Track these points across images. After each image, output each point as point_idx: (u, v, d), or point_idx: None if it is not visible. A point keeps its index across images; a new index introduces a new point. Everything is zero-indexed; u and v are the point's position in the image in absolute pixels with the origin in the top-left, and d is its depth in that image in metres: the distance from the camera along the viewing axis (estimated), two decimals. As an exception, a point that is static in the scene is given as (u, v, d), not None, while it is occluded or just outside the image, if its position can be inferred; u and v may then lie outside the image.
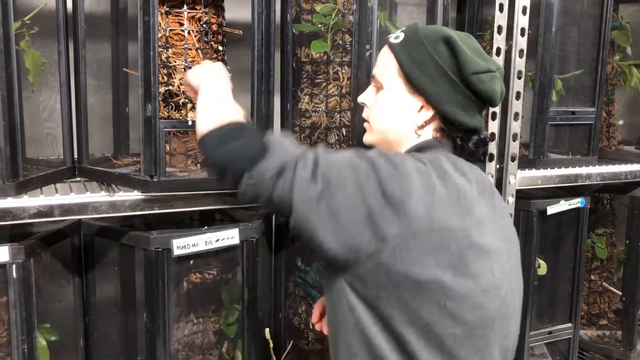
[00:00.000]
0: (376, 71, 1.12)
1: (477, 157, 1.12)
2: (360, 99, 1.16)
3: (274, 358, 1.36)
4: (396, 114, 1.08)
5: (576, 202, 1.76)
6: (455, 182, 0.98)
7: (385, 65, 1.09)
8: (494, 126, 1.60)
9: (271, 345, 1.55)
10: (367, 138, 1.15)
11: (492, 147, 1.61)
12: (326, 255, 0.93)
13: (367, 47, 1.35)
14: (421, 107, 1.06)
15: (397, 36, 1.09)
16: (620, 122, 2.04)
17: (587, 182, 1.75)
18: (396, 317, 0.93)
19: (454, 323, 0.94)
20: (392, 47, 1.08)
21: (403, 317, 0.93)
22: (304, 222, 0.92)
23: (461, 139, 1.08)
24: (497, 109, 1.60)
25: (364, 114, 1.16)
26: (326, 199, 0.91)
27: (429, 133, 1.08)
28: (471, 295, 0.94)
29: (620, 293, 2.02)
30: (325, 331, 1.18)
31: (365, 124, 1.16)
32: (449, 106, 1.04)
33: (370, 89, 1.15)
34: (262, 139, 0.97)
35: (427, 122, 1.07)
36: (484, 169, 1.59)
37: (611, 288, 2.05)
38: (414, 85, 1.05)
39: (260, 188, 0.94)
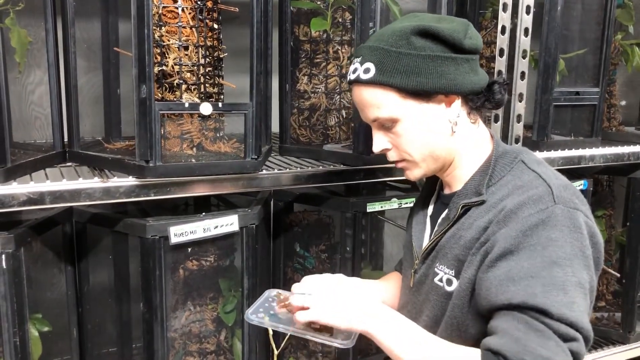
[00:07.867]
0: (376, 114, 1.01)
1: (504, 101, 1.07)
2: (379, 148, 1.06)
3: (273, 345, 1.33)
4: (432, 126, 1.01)
5: (579, 185, 1.73)
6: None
7: (382, 102, 1.00)
8: (497, 107, 1.57)
9: (270, 332, 1.52)
10: (417, 173, 1.06)
11: (496, 129, 1.58)
12: None
13: (371, 24, 1.30)
14: (445, 102, 1.01)
15: (366, 69, 0.99)
16: (623, 103, 2.01)
17: (591, 164, 1.72)
18: None
19: None
20: (374, 81, 0.99)
21: None
22: None
23: (487, 98, 1.04)
24: (501, 90, 1.56)
25: (393, 157, 1.07)
26: None
27: (464, 119, 1.04)
28: None
29: (618, 275, 2.02)
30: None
31: (402, 164, 1.07)
32: (465, 80, 0.99)
33: (379, 132, 1.05)
34: None
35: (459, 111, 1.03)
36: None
37: (610, 270, 2.04)
38: (427, 91, 0.98)
39: None
